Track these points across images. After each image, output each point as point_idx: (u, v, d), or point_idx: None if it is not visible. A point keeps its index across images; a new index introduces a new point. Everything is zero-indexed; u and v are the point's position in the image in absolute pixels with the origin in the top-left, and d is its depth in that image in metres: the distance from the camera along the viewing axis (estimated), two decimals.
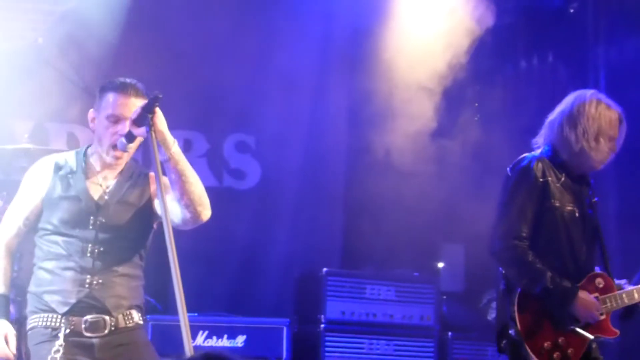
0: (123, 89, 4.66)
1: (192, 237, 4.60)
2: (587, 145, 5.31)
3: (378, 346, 8.00)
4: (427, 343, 8.14)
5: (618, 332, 5.37)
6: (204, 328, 7.50)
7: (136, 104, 4.53)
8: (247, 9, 8.93)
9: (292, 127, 9.02)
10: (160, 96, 4.29)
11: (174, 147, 4.41)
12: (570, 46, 9.35)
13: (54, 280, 4.63)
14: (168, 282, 4.69)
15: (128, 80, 4.71)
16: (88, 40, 8.42)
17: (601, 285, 5.36)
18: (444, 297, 8.80)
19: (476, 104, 9.17)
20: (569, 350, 5.21)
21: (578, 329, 5.24)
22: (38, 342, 4.62)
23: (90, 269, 4.60)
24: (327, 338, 7.87)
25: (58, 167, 4.75)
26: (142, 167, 4.90)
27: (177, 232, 4.37)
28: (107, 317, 4.62)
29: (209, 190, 4.63)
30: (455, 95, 8.80)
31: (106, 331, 4.62)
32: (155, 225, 4.82)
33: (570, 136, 5.34)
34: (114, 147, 4.60)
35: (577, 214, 5.34)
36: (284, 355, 7.70)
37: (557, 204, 5.29)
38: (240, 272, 8.74)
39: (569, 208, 5.32)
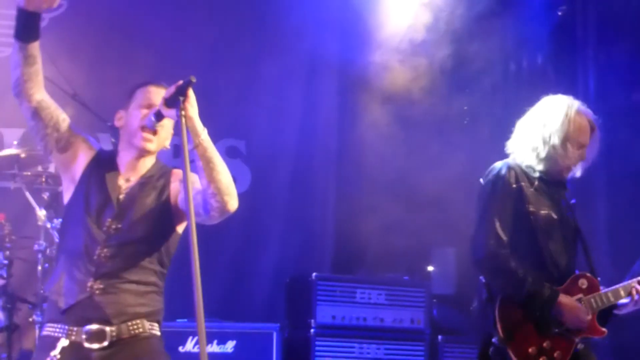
0: (154, 82, 4.62)
1: (181, 242, 4.50)
2: (553, 150, 5.29)
3: (369, 350, 8.00)
4: (417, 346, 8.14)
5: (606, 331, 5.32)
6: (193, 334, 7.43)
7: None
8: (238, 17, 8.95)
9: (283, 132, 9.02)
10: (194, 80, 4.16)
11: (203, 134, 4.26)
12: (559, 49, 9.36)
13: (62, 277, 4.44)
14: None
15: None
16: (77, 47, 8.43)
17: (584, 286, 5.33)
18: (435, 300, 8.80)
19: (465, 108, 9.17)
20: (555, 354, 5.18)
21: (563, 332, 5.22)
22: (37, 350, 4.45)
23: (93, 272, 4.39)
24: (317, 343, 7.86)
25: (98, 158, 4.62)
26: (166, 167, 4.71)
27: None
28: (107, 328, 4.37)
29: None
30: (445, 99, 8.81)
31: (106, 342, 4.36)
32: (179, 229, 4.60)
33: (538, 141, 5.33)
34: (143, 128, 4.49)
35: (554, 217, 5.31)
36: None
37: (532, 209, 5.27)
38: (231, 277, 8.72)
39: (544, 212, 5.29)
